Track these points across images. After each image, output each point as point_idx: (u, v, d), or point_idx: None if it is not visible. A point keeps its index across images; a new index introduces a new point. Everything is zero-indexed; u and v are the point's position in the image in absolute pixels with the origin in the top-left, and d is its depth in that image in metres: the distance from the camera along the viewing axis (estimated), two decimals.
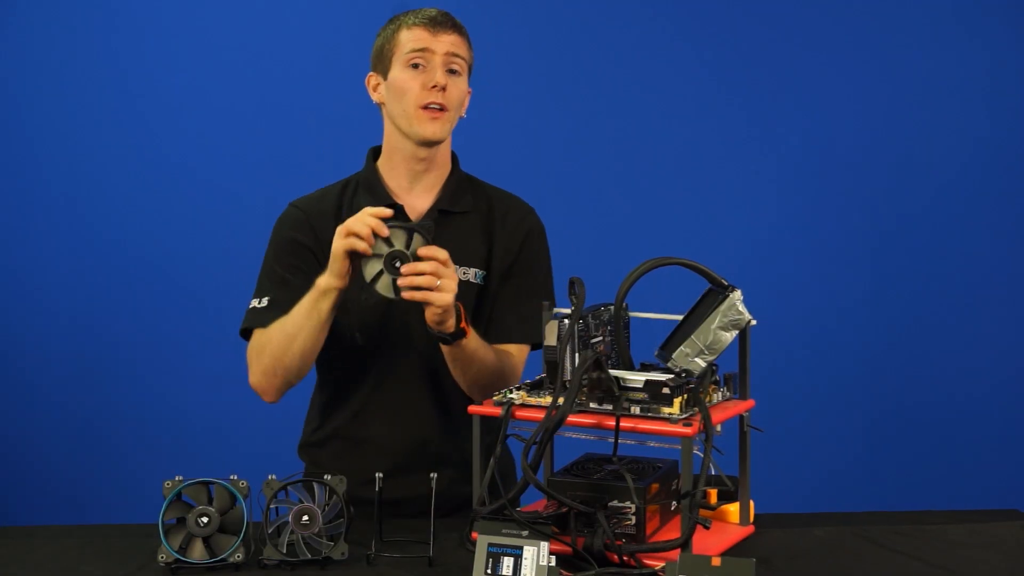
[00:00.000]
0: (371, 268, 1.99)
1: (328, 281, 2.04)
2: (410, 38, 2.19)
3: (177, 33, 3.76)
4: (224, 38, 3.76)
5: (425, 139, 2.19)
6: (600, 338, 1.93)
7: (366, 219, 1.97)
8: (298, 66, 3.76)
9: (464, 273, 2.22)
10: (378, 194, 2.24)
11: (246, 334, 2.22)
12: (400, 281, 1.96)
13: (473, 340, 2.09)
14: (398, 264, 1.97)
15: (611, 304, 1.92)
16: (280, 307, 2.16)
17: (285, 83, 3.76)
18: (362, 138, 2.34)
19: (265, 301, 2.20)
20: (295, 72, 3.76)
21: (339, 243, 1.99)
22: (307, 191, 2.32)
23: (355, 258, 1.99)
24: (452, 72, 2.19)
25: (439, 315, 2.00)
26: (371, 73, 2.26)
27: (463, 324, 2.04)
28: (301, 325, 2.09)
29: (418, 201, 2.25)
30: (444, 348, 2.09)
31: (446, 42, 2.19)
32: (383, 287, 1.98)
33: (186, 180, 3.76)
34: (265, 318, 2.18)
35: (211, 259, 3.75)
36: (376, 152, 2.30)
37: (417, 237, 1.98)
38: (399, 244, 1.97)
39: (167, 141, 3.76)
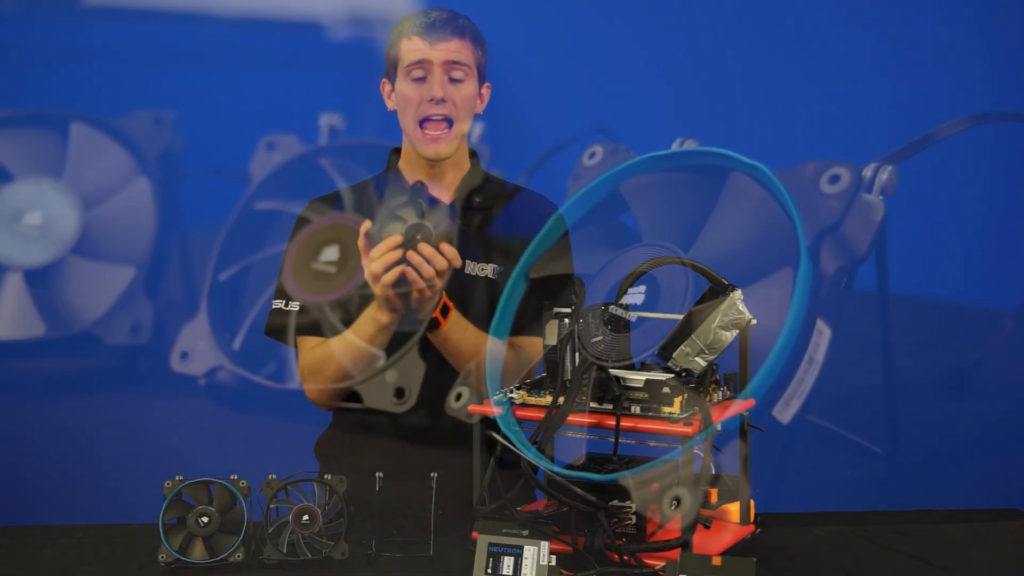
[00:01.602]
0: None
1: (391, 317, 2.05)
2: (409, 49, 2.17)
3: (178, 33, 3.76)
4: (225, 37, 3.76)
5: (428, 158, 2.20)
6: (600, 337, 1.93)
7: (381, 248, 1.97)
8: (297, 62, 3.75)
9: (482, 269, 2.21)
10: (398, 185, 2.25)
11: (272, 334, 2.25)
12: (409, 254, 1.97)
13: (456, 331, 2.10)
14: (419, 237, 1.97)
15: (611, 303, 1.92)
16: (307, 313, 2.19)
17: (285, 82, 3.75)
18: (362, 136, 2.33)
19: (288, 305, 2.22)
20: (295, 70, 3.75)
21: (380, 289, 1.99)
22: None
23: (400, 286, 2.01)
24: (454, 80, 2.17)
25: (416, 303, 2.01)
26: (384, 80, 2.25)
27: (436, 314, 2.05)
28: (364, 354, 2.12)
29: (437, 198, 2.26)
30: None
31: (444, 51, 2.15)
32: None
33: (185, 179, 3.75)
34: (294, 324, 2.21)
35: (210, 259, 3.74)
36: (398, 152, 2.30)
37: (431, 214, 1.99)
38: (412, 219, 1.98)
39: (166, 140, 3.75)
